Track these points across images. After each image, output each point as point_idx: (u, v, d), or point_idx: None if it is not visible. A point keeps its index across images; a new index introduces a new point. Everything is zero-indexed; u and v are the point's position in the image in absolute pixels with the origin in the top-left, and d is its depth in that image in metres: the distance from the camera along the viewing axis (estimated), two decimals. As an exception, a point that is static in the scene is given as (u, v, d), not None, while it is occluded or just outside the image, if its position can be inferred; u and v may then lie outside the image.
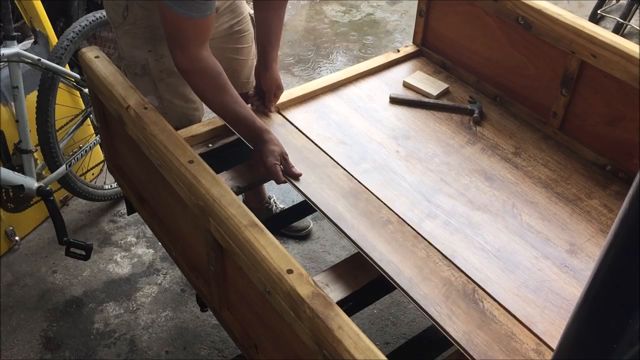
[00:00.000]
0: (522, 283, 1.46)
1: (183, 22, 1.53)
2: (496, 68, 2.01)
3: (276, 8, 1.84)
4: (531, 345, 1.32)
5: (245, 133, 1.70)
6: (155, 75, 1.84)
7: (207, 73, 1.63)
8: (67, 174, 2.37)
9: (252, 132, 1.66)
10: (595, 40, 1.68)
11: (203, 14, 1.53)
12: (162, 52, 1.80)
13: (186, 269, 1.69)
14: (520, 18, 1.85)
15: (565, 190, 1.72)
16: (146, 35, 1.79)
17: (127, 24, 1.79)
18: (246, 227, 1.28)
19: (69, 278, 2.39)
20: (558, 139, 1.88)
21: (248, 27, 2.02)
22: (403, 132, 1.89)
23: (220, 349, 2.16)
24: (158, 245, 2.49)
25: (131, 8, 1.76)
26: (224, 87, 1.65)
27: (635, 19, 3.70)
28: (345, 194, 1.64)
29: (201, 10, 1.52)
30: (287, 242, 2.51)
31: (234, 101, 1.66)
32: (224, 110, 1.68)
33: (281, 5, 1.86)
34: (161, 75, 1.84)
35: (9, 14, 2.14)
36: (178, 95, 1.89)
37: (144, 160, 1.62)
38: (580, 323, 0.79)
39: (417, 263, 1.47)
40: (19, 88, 2.18)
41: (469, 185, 1.72)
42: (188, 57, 1.60)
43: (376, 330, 2.21)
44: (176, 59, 1.62)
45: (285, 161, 1.65)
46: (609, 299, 0.72)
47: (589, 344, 0.78)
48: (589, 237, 1.59)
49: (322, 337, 1.10)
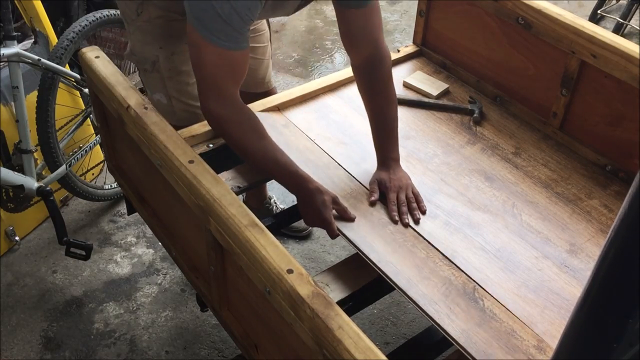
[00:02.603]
0: (522, 283, 1.46)
1: (219, 56, 1.43)
2: (496, 68, 2.01)
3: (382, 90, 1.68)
4: (532, 342, 1.32)
5: (287, 181, 1.54)
6: (165, 72, 1.82)
7: (244, 118, 1.51)
8: (67, 174, 2.37)
9: (294, 180, 1.52)
10: (595, 40, 1.68)
11: (240, 45, 1.44)
12: (173, 49, 1.79)
13: (186, 269, 1.69)
14: (520, 18, 1.85)
15: (565, 190, 1.73)
16: (158, 32, 1.78)
17: (140, 21, 1.77)
18: (246, 227, 1.28)
19: (69, 278, 2.39)
20: (558, 139, 1.88)
21: (263, 26, 2.03)
22: (403, 132, 1.89)
23: (220, 349, 2.16)
24: (158, 245, 2.49)
25: (146, 5, 1.74)
26: (263, 131, 1.53)
27: (635, 19, 3.70)
28: (346, 195, 1.64)
29: (238, 41, 1.43)
30: (287, 242, 2.51)
31: (274, 147, 1.52)
32: (264, 158, 1.52)
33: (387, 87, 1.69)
34: (170, 73, 1.83)
35: (9, 14, 2.14)
36: (186, 93, 1.87)
37: (144, 160, 1.62)
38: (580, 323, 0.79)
39: (416, 263, 1.47)
40: (19, 88, 2.18)
41: (469, 185, 1.72)
42: (224, 101, 1.48)
43: (376, 330, 2.21)
44: (210, 105, 1.49)
45: (338, 206, 1.53)
46: (609, 298, 0.72)
47: (589, 343, 0.78)
48: (589, 237, 1.59)
49: (322, 337, 1.10)
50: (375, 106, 1.70)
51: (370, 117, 1.71)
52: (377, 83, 1.69)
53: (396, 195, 1.61)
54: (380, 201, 1.63)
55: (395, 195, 1.61)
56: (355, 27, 1.64)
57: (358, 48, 1.68)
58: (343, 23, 1.66)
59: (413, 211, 1.59)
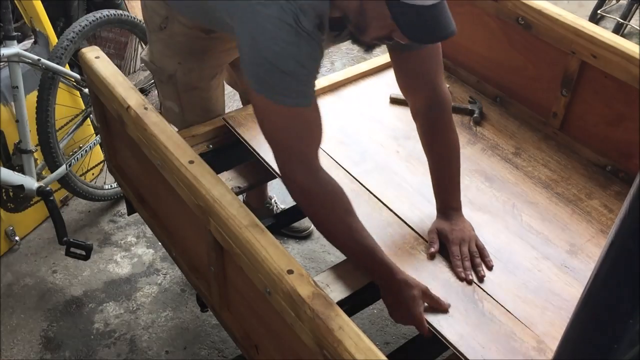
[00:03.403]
0: (522, 284, 1.46)
1: (294, 117, 1.31)
2: (496, 68, 2.01)
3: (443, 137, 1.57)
4: (531, 343, 1.32)
5: (371, 268, 1.39)
6: (180, 86, 1.78)
7: (331, 191, 1.36)
8: (67, 174, 2.37)
9: (380, 270, 1.37)
10: (595, 40, 1.68)
11: (310, 98, 1.32)
12: (191, 66, 1.74)
13: (186, 270, 1.69)
14: (520, 18, 1.85)
15: (565, 190, 1.72)
16: (179, 48, 1.72)
17: (163, 34, 1.72)
18: (246, 227, 1.28)
19: (69, 278, 2.39)
20: (558, 139, 1.88)
21: None
22: (403, 133, 1.89)
23: (220, 349, 2.16)
24: (158, 245, 2.49)
25: (171, 22, 1.67)
26: (350, 207, 1.37)
27: (635, 19, 3.70)
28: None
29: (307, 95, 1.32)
30: (287, 242, 2.51)
31: (360, 227, 1.36)
32: (350, 239, 1.36)
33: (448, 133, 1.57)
34: (186, 87, 1.79)
35: (9, 14, 2.14)
36: (199, 107, 1.85)
37: (144, 161, 1.62)
38: (580, 324, 0.79)
39: (416, 265, 1.47)
40: (19, 88, 2.18)
41: (469, 185, 1.72)
42: (309, 170, 1.33)
43: (376, 330, 2.21)
44: (296, 176, 1.33)
45: (429, 298, 1.37)
46: (610, 299, 0.72)
47: (590, 344, 0.78)
48: (589, 237, 1.59)
49: (323, 338, 1.10)
50: (436, 154, 1.58)
51: (431, 164, 1.59)
52: (437, 129, 1.57)
53: (459, 248, 1.49)
54: (378, 202, 1.62)
55: (458, 248, 1.48)
56: (411, 70, 1.54)
57: (415, 91, 1.58)
58: (398, 65, 1.56)
59: (477, 267, 1.46)
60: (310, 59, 1.30)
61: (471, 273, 1.46)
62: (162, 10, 1.67)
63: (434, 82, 1.55)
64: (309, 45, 1.27)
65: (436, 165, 1.58)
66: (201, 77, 1.79)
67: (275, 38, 1.24)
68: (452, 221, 1.53)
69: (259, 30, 1.25)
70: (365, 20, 1.27)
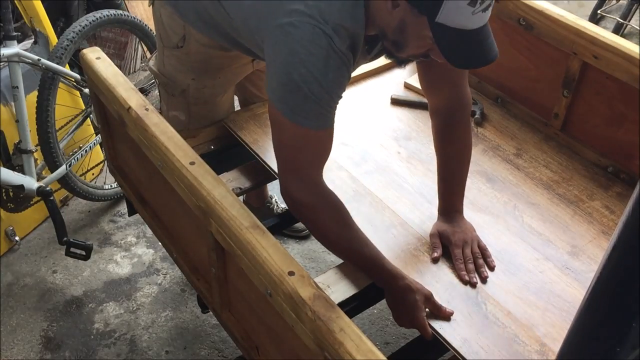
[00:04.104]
0: (523, 285, 1.46)
1: (304, 138, 1.32)
2: (497, 69, 2.01)
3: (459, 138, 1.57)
4: (535, 347, 1.32)
5: (374, 275, 1.41)
6: (192, 100, 1.77)
7: (330, 204, 1.38)
8: (67, 174, 2.37)
9: (383, 276, 1.39)
10: (596, 41, 1.68)
11: (327, 123, 1.33)
12: (205, 82, 1.73)
13: (187, 271, 1.69)
14: (521, 19, 1.84)
15: (566, 191, 1.72)
16: (194, 66, 1.70)
17: (178, 52, 1.69)
18: (247, 228, 1.28)
19: (69, 278, 2.39)
20: (559, 140, 1.88)
21: None
22: (404, 133, 1.89)
23: (220, 349, 2.15)
24: (158, 245, 2.49)
25: (188, 41, 1.64)
26: (349, 220, 1.39)
27: (635, 19, 3.70)
28: (349, 198, 1.63)
29: (327, 119, 1.32)
30: (287, 242, 2.51)
31: (359, 237, 1.39)
32: (350, 251, 1.40)
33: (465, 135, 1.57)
34: (197, 101, 1.78)
35: (9, 14, 2.13)
36: (207, 118, 1.84)
37: (145, 162, 1.62)
38: (582, 325, 0.79)
39: (419, 268, 1.47)
40: (19, 88, 2.18)
41: (470, 186, 1.71)
42: (306, 185, 1.36)
43: (376, 330, 2.21)
44: (291, 189, 1.36)
45: (432, 305, 1.37)
46: (612, 301, 0.72)
47: (592, 346, 0.78)
48: (590, 238, 1.59)
49: (324, 339, 1.10)
50: (447, 154, 1.58)
51: (440, 163, 1.58)
52: (454, 130, 1.56)
53: (461, 251, 1.49)
54: (381, 203, 1.62)
55: (461, 250, 1.49)
56: (437, 74, 1.52)
57: (438, 91, 1.56)
58: (423, 68, 1.54)
59: (480, 268, 1.47)
60: (336, 85, 1.30)
61: (475, 276, 1.46)
62: (180, 29, 1.64)
63: (459, 84, 1.55)
64: (338, 69, 1.28)
65: (446, 164, 1.58)
66: (214, 93, 1.78)
67: (304, 62, 1.24)
68: (454, 223, 1.53)
69: (289, 52, 1.25)
70: (405, 38, 1.26)
